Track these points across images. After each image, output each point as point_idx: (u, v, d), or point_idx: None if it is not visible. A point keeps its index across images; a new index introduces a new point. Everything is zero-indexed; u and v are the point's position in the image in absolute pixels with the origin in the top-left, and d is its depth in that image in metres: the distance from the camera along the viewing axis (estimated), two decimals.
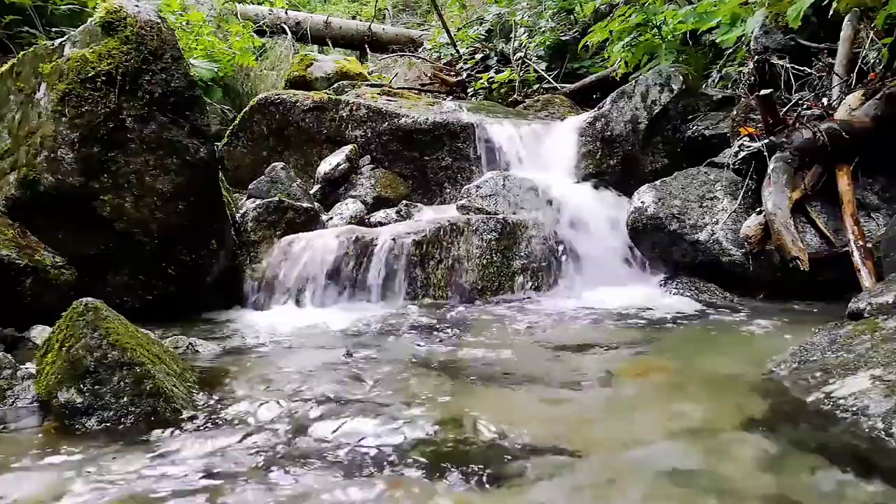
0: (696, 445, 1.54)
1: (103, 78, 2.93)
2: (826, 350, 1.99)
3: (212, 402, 1.96)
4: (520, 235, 3.73)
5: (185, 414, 1.83)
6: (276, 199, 3.91)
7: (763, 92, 3.39)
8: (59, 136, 2.94)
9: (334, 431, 1.72)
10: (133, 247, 3.07)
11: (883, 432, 1.47)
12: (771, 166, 3.32)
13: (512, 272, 3.63)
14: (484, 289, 3.55)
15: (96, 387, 1.79)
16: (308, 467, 1.52)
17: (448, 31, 7.76)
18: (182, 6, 6.63)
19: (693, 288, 3.42)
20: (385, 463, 1.53)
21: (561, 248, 3.78)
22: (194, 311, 3.27)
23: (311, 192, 4.49)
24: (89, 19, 3.10)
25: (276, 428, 1.76)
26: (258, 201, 3.91)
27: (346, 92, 5.92)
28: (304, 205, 4.00)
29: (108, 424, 1.77)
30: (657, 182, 3.78)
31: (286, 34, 8.87)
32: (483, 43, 7.75)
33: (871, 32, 3.65)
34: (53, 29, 5.09)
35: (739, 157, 3.52)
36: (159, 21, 3.08)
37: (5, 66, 3.32)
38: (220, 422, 1.81)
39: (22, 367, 2.12)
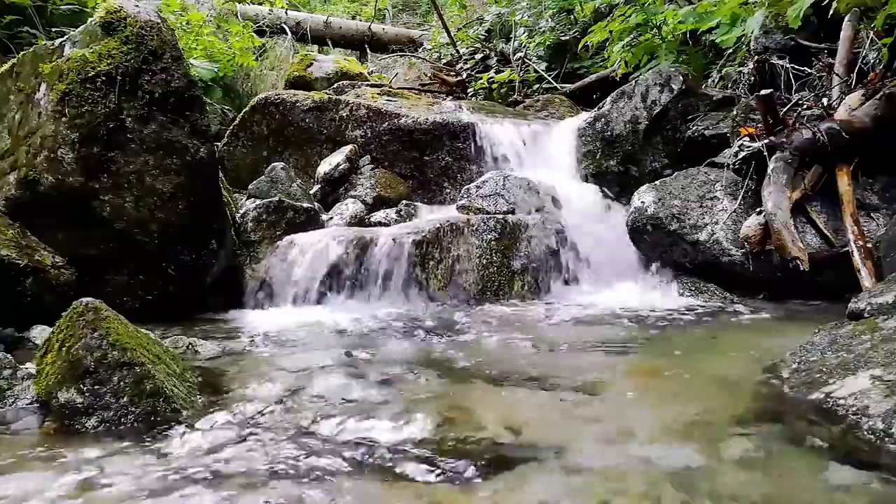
0: (695, 445, 1.54)
1: (103, 78, 2.94)
2: (826, 350, 1.99)
3: (212, 402, 1.96)
4: (520, 235, 3.73)
5: (185, 414, 1.83)
6: (276, 199, 3.92)
7: (763, 92, 3.39)
8: (59, 136, 2.94)
9: (334, 431, 1.72)
10: (133, 247, 3.07)
11: (883, 432, 1.47)
12: (771, 166, 3.32)
13: (512, 272, 3.63)
14: (484, 289, 3.55)
15: (96, 387, 1.79)
16: (308, 467, 1.52)
17: (448, 31, 7.76)
18: (182, 6, 6.64)
19: (693, 288, 3.42)
20: (385, 462, 1.53)
21: (560, 248, 3.78)
22: (194, 311, 3.27)
23: (311, 192, 4.50)
24: (89, 19, 3.11)
25: (276, 428, 1.76)
26: (258, 201, 3.91)
27: (346, 92, 5.92)
28: (304, 205, 4.01)
29: (108, 424, 1.77)
30: (657, 182, 3.78)
31: (286, 34, 8.87)
32: (483, 43, 7.75)
33: (871, 32, 3.65)
34: (53, 29, 5.10)
35: (739, 157, 3.52)
36: (159, 21, 3.08)
37: (5, 66, 3.32)
38: (221, 422, 1.81)
39: (22, 367, 2.12)
